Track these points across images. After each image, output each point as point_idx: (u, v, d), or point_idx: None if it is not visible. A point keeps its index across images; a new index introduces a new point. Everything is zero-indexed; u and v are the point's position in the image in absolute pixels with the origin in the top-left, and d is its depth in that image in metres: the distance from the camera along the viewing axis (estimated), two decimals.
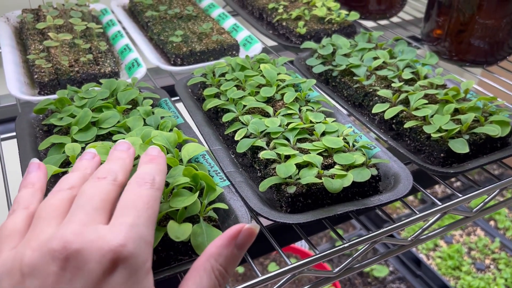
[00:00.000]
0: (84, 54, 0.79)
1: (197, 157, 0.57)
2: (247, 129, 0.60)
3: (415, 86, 0.69)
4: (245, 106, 0.64)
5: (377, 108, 0.67)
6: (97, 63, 0.78)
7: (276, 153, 0.54)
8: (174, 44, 0.84)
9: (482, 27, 0.85)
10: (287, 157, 0.54)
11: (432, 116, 0.63)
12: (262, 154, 0.54)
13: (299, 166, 0.53)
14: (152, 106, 0.67)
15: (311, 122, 0.61)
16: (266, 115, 0.64)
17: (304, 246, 1.60)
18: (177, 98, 0.74)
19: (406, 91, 0.68)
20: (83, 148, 0.55)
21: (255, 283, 0.45)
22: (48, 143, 0.57)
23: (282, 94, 0.67)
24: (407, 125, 0.62)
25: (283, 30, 0.94)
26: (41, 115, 0.66)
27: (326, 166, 0.55)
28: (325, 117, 0.63)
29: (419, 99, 0.65)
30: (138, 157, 0.52)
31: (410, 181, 0.54)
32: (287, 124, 0.60)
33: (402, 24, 1.13)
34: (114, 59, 0.80)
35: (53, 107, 0.63)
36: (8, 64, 0.77)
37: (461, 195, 0.58)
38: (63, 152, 0.54)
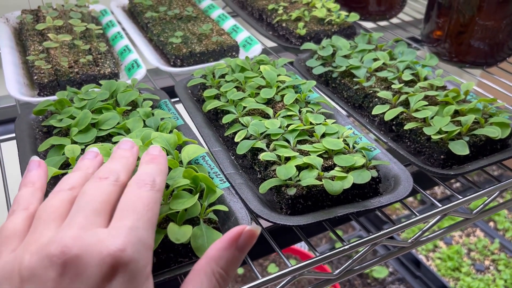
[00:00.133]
0: (84, 55, 0.79)
1: (197, 159, 0.56)
2: (247, 130, 0.60)
3: (415, 88, 0.69)
4: (245, 107, 0.64)
5: (377, 110, 0.66)
6: (97, 64, 0.78)
7: (276, 154, 0.54)
8: (174, 45, 0.84)
9: (482, 28, 0.85)
10: (287, 159, 0.54)
11: (432, 117, 0.63)
12: (262, 156, 0.54)
13: (299, 168, 0.53)
14: (152, 107, 0.67)
15: (311, 123, 0.61)
16: (266, 116, 0.64)
17: (303, 247, 1.60)
18: (177, 99, 0.74)
19: (406, 93, 0.68)
20: (83, 150, 0.54)
21: (255, 285, 0.45)
22: (47, 144, 0.56)
23: (282, 96, 0.67)
24: (407, 126, 0.62)
25: (283, 31, 0.94)
26: (41, 116, 0.66)
27: (326, 168, 0.54)
28: (325, 119, 0.63)
29: (419, 100, 0.65)
30: (139, 158, 0.52)
31: (410, 183, 0.54)
32: (287, 126, 0.60)
33: (401, 25, 1.13)
34: (113, 60, 0.80)
35: (52, 109, 0.63)
36: (8, 65, 0.77)
37: (461, 196, 0.58)
38: (63, 154, 0.54)
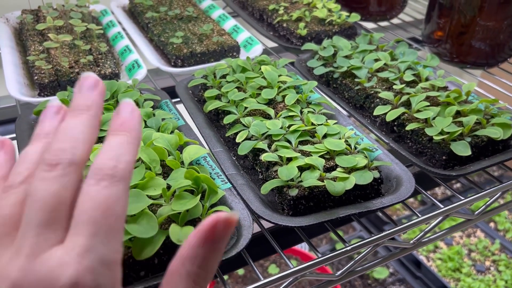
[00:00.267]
0: (84, 55, 0.79)
1: (198, 160, 0.56)
2: (249, 131, 0.60)
3: (416, 88, 0.69)
4: (246, 108, 0.64)
5: (378, 110, 0.66)
6: (97, 64, 0.78)
7: (277, 155, 0.54)
8: (175, 45, 0.83)
9: (483, 29, 0.85)
10: (289, 160, 0.54)
11: (434, 118, 0.62)
12: (264, 157, 0.54)
13: (301, 169, 0.53)
14: (153, 107, 0.66)
15: (312, 124, 0.61)
16: (268, 117, 0.64)
17: (304, 248, 1.60)
18: (178, 99, 0.74)
19: (408, 93, 0.68)
20: None
21: (257, 287, 0.45)
22: None
23: (283, 96, 0.67)
24: (409, 127, 0.62)
25: (284, 31, 0.94)
26: None
27: (328, 169, 0.54)
28: (326, 119, 0.62)
29: (421, 101, 0.65)
30: (138, 159, 0.52)
31: (412, 184, 0.54)
32: (289, 126, 0.60)
33: (402, 25, 1.13)
34: (114, 61, 0.80)
35: None
36: (8, 65, 0.77)
37: (463, 197, 0.58)
38: None
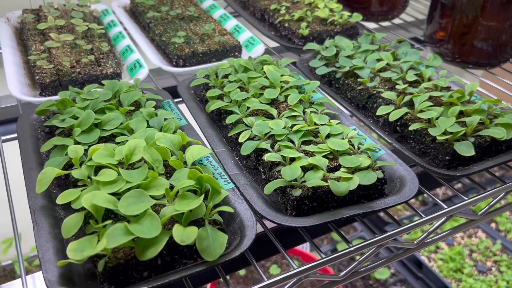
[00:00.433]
0: (86, 55, 0.78)
1: (201, 160, 0.56)
2: (251, 131, 0.59)
3: (419, 88, 0.69)
4: (248, 108, 0.64)
5: (381, 110, 0.66)
6: (99, 64, 0.77)
7: (281, 155, 0.54)
8: (176, 45, 0.83)
9: (485, 29, 0.85)
10: (292, 160, 0.54)
11: (437, 118, 0.62)
12: (267, 157, 0.54)
13: (304, 169, 0.52)
14: (155, 107, 0.66)
15: (315, 124, 0.61)
16: (270, 117, 0.63)
17: (305, 248, 1.60)
18: (180, 99, 0.74)
19: (411, 93, 0.68)
20: (86, 150, 0.54)
21: (260, 287, 0.44)
22: (50, 145, 0.56)
23: (286, 96, 0.67)
24: (412, 127, 0.62)
25: (285, 31, 0.94)
26: (43, 116, 0.65)
27: (332, 169, 0.54)
28: (329, 119, 0.62)
29: (424, 101, 0.65)
30: (141, 160, 0.51)
31: (416, 184, 0.54)
32: (292, 126, 0.59)
33: (403, 25, 1.12)
34: (115, 60, 0.80)
35: (54, 109, 0.62)
36: (9, 65, 0.77)
37: (466, 198, 0.58)
38: (66, 154, 0.53)
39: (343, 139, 0.58)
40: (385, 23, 1.11)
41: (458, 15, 0.86)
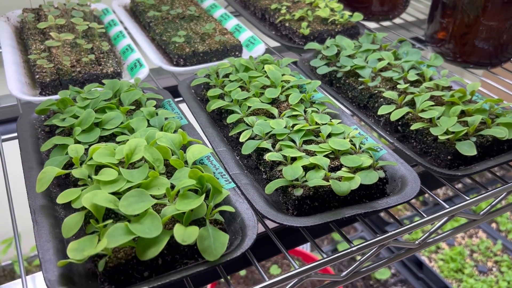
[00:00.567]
0: (86, 54, 0.78)
1: (202, 159, 0.56)
2: (252, 130, 0.59)
3: (420, 88, 0.69)
4: (249, 107, 0.63)
5: (383, 110, 0.66)
6: (99, 63, 0.77)
7: (282, 155, 0.54)
8: (177, 45, 0.83)
9: (486, 28, 0.84)
10: (293, 159, 0.53)
11: (438, 118, 0.62)
12: (268, 156, 0.54)
13: (306, 168, 0.52)
14: (155, 107, 0.66)
15: (316, 123, 0.60)
16: (271, 116, 0.63)
17: (305, 248, 1.59)
18: (180, 99, 0.74)
19: (412, 93, 0.68)
20: (87, 150, 0.54)
21: (262, 287, 0.44)
22: (50, 144, 0.56)
23: (287, 95, 0.66)
24: (413, 127, 0.61)
25: (286, 31, 0.94)
26: (43, 115, 0.65)
27: (333, 169, 0.54)
28: (330, 119, 0.62)
29: (425, 100, 0.64)
30: (141, 159, 0.51)
31: (417, 184, 0.54)
32: (293, 126, 0.59)
33: (404, 25, 1.12)
34: (116, 60, 0.80)
35: (55, 108, 0.62)
36: (9, 64, 0.76)
37: (468, 198, 0.58)
38: (66, 154, 0.53)
39: (344, 138, 0.58)
40: (386, 23, 1.11)
41: (459, 14, 0.86)
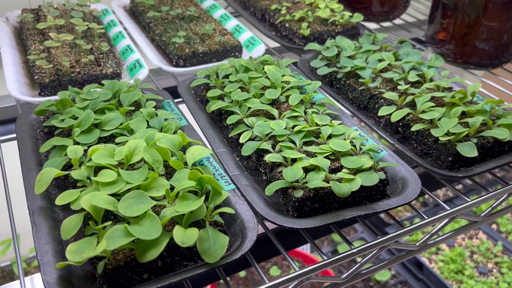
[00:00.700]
0: (86, 55, 0.78)
1: (201, 160, 0.55)
2: (252, 131, 0.59)
3: (421, 89, 0.68)
4: (249, 108, 0.63)
5: (383, 111, 0.66)
6: (99, 64, 0.77)
7: (282, 156, 0.53)
8: (177, 45, 0.83)
9: (487, 29, 0.84)
10: (294, 161, 0.53)
11: (439, 119, 0.62)
12: (268, 157, 0.53)
13: (306, 170, 0.52)
14: (155, 107, 0.66)
15: (317, 124, 0.60)
16: (271, 117, 0.63)
17: (305, 249, 1.59)
18: (180, 99, 0.73)
19: (413, 94, 0.68)
20: (86, 151, 0.54)
21: None
22: (49, 145, 0.55)
23: (287, 96, 0.66)
24: (414, 128, 0.61)
25: (286, 31, 0.93)
26: (42, 116, 0.65)
27: (333, 170, 0.54)
28: (331, 120, 0.62)
29: (426, 101, 0.64)
30: (141, 160, 0.51)
31: (418, 185, 0.53)
32: (293, 127, 0.59)
33: (404, 26, 1.12)
34: (115, 60, 0.79)
35: (54, 109, 0.62)
36: (8, 64, 0.76)
37: (469, 199, 0.57)
38: (65, 155, 0.53)
39: (344, 140, 0.58)
40: (386, 24, 1.11)
41: (460, 15, 0.86)
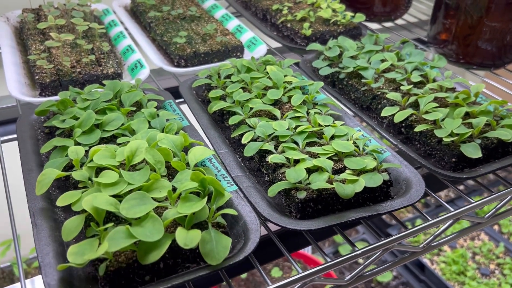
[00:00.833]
0: (86, 55, 0.78)
1: (203, 161, 0.55)
2: (255, 132, 0.58)
3: (424, 89, 0.68)
4: (251, 108, 0.63)
5: (386, 111, 0.65)
6: (100, 64, 0.76)
7: (285, 157, 0.53)
8: (178, 45, 0.82)
9: (490, 29, 0.84)
10: (296, 161, 0.53)
11: (442, 119, 0.61)
12: (271, 158, 0.53)
13: (309, 171, 0.52)
14: (156, 108, 0.65)
15: (319, 125, 0.60)
16: (273, 118, 0.62)
17: (307, 250, 1.59)
18: (181, 100, 0.73)
19: (416, 94, 0.67)
20: (87, 151, 0.53)
21: None
22: (50, 145, 0.55)
23: (289, 97, 0.66)
24: (417, 128, 0.61)
25: (288, 31, 0.93)
26: (43, 117, 0.64)
27: (337, 171, 0.53)
28: (333, 120, 0.61)
29: (429, 102, 0.64)
30: (143, 161, 0.51)
31: (422, 186, 0.53)
32: (295, 127, 0.58)
33: (407, 26, 1.12)
34: (116, 60, 0.79)
35: (55, 109, 0.61)
36: (8, 64, 0.76)
37: (472, 200, 0.57)
38: (66, 155, 0.52)
39: (347, 140, 0.57)
40: (388, 24, 1.11)
41: (462, 15, 0.85)
